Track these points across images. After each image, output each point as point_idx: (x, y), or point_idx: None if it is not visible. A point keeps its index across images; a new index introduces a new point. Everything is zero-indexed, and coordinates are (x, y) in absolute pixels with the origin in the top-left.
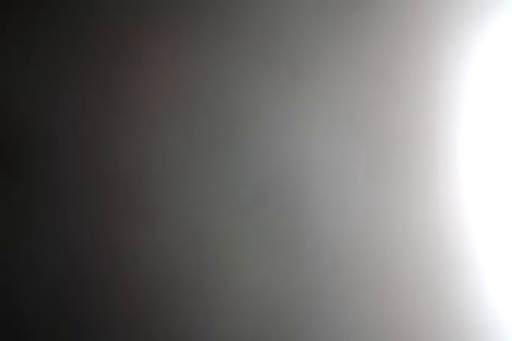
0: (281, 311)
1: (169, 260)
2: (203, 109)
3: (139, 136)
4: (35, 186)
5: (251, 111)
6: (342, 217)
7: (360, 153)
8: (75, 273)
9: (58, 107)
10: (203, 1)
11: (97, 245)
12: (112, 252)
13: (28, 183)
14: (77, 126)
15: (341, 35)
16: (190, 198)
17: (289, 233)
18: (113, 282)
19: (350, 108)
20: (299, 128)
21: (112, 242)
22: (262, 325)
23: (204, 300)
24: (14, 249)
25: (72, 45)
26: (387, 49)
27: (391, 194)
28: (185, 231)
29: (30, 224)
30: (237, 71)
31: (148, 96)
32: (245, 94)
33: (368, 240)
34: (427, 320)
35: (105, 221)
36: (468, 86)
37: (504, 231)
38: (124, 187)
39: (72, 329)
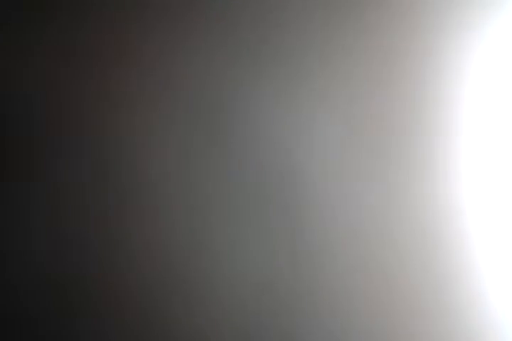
0: (281, 310)
1: (169, 260)
2: (203, 108)
3: (138, 136)
4: (35, 186)
5: (251, 111)
6: (342, 217)
7: (359, 152)
8: (75, 273)
9: (58, 107)
10: (202, 0)
11: (97, 245)
12: (111, 252)
13: (28, 183)
14: (77, 126)
15: (340, 35)
16: (189, 198)
17: (288, 232)
18: (112, 282)
19: (349, 107)
20: (299, 128)
21: (111, 242)
22: (262, 324)
23: (204, 299)
24: (13, 248)
25: (71, 45)
26: (387, 49)
27: (390, 193)
28: (185, 231)
29: (30, 224)
30: (237, 71)
31: (148, 96)
32: (245, 94)
33: (367, 239)
34: (425, 319)
35: (105, 221)
36: (468, 86)
37: (503, 231)
38: (124, 187)
39: (71, 329)
